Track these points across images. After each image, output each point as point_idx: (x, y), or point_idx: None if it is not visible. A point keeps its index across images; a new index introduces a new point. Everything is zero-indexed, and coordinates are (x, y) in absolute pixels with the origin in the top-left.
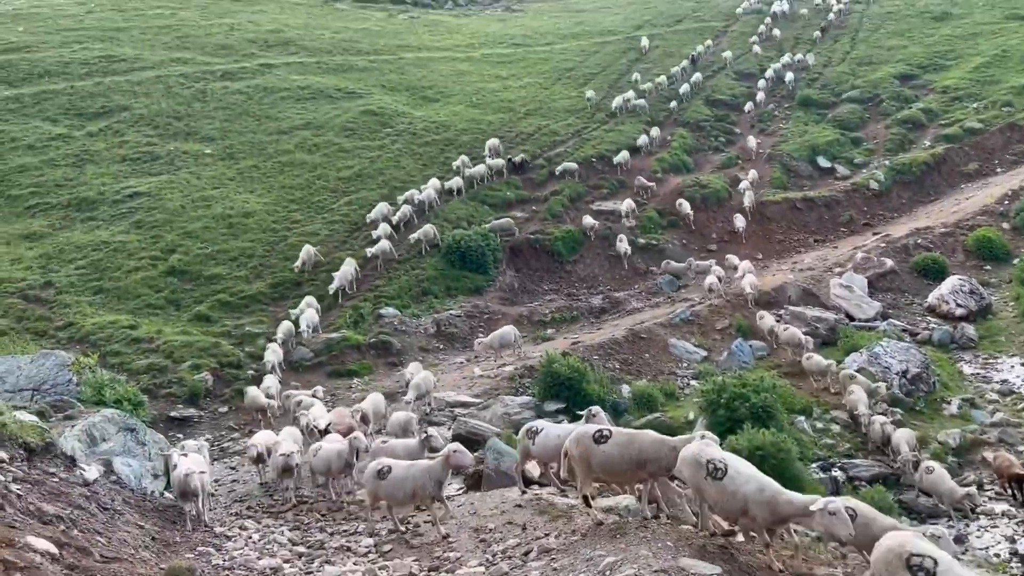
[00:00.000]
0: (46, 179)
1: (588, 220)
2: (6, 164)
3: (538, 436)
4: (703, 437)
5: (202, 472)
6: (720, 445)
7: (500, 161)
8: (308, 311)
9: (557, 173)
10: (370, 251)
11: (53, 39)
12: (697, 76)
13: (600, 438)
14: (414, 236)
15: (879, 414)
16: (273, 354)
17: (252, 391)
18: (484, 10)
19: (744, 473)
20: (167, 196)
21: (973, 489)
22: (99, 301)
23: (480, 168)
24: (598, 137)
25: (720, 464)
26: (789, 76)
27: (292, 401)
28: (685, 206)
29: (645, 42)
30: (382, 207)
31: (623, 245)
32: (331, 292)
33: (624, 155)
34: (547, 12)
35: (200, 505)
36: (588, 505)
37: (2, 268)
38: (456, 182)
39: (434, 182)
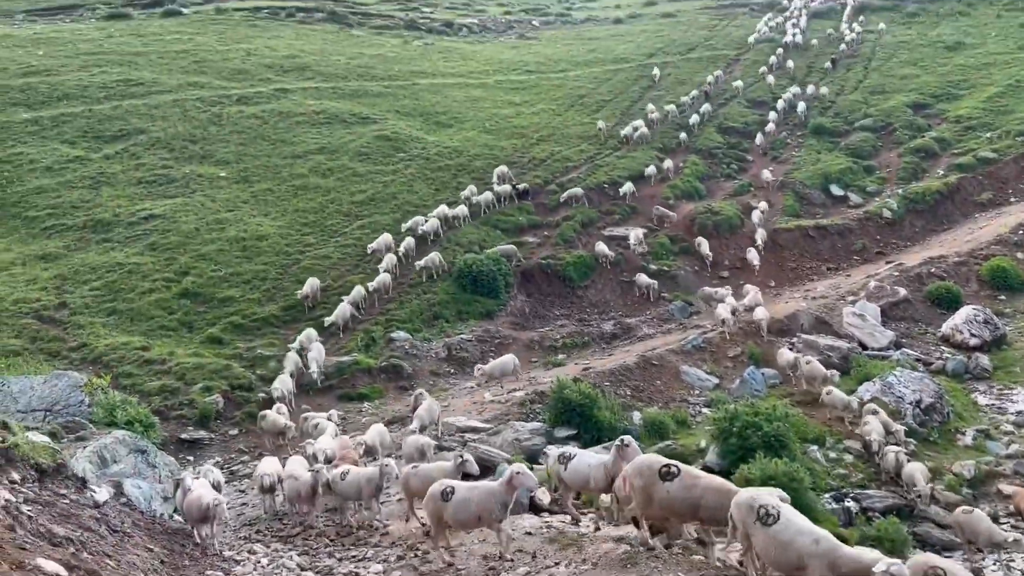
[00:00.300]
0: (63, 201)
1: (602, 248)
2: (24, 186)
3: (571, 462)
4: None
5: (216, 502)
6: (728, 477)
7: (507, 187)
8: (315, 346)
9: (562, 200)
10: (371, 285)
11: (72, 63)
12: (707, 107)
13: (667, 475)
14: (420, 264)
15: (893, 444)
16: (282, 383)
17: (271, 415)
18: (498, 37)
19: (798, 524)
20: (182, 218)
21: (1020, 536)
22: (112, 322)
23: (487, 195)
24: (610, 164)
25: (772, 510)
26: (801, 106)
27: (309, 424)
28: (704, 246)
29: (656, 71)
30: (385, 238)
31: (644, 279)
32: (325, 326)
33: (629, 186)
34: (560, 40)
35: (212, 530)
36: (638, 526)
37: (17, 288)
38: (461, 210)
39: (442, 209)
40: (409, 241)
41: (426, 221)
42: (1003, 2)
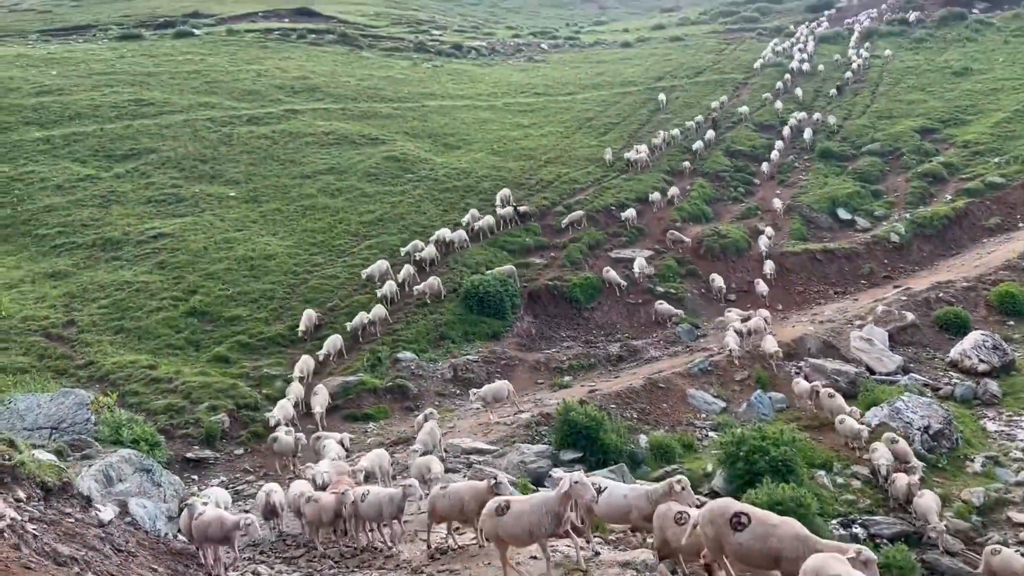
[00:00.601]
0: (73, 219)
1: (612, 274)
2: (35, 204)
3: (602, 495)
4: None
5: (248, 521)
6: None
7: (508, 210)
8: (321, 392)
9: (563, 226)
10: (367, 317)
11: (85, 83)
12: (711, 134)
13: (738, 524)
14: (418, 288)
15: (901, 471)
16: (281, 409)
17: (283, 436)
18: (507, 60)
19: None
20: (191, 237)
21: None
22: (120, 340)
23: (488, 219)
24: (617, 186)
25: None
26: (808, 133)
27: (321, 443)
28: (718, 280)
29: (663, 96)
30: (379, 265)
31: (664, 307)
32: (320, 359)
33: (631, 212)
34: (568, 63)
35: (235, 550)
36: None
37: (26, 306)
38: (459, 235)
39: (441, 233)
40: (407, 269)
41: (424, 247)
42: (1010, 28)
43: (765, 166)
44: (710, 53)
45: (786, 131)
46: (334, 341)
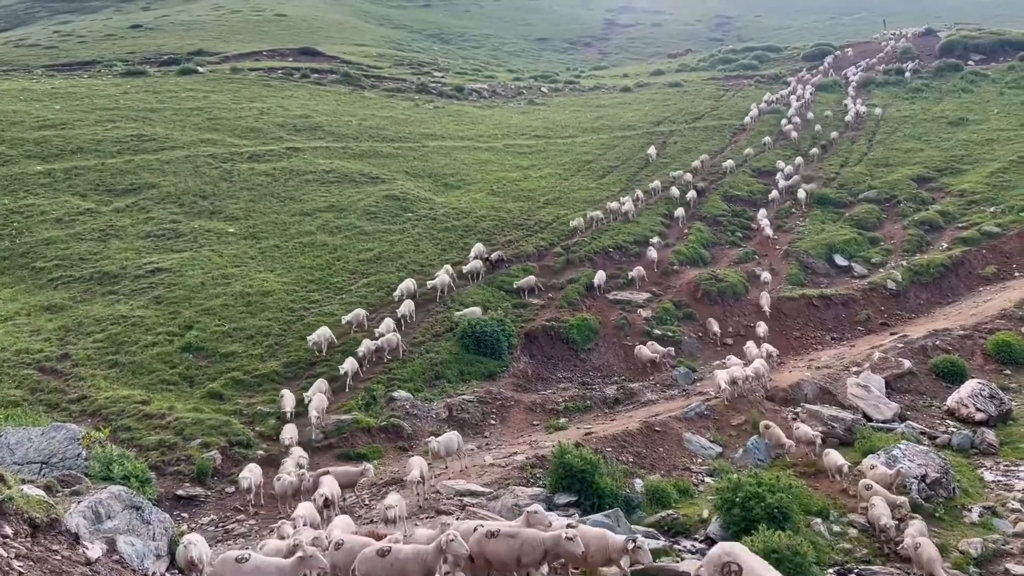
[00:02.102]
0: (71, 252)
1: (644, 352)
2: (33, 236)
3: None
4: None
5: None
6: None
7: (478, 263)
8: (317, 396)
9: (515, 287)
10: (342, 368)
11: (88, 117)
12: (692, 193)
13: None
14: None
15: (904, 520)
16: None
17: (286, 477)
18: (507, 102)
19: None
20: (188, 273)
21: None
22: (114, 375)
23: (443, 279)
24: (615, 228)
25: None
26: (801, 193)
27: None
28: (714, 324)
29: (653, 150)
30: (357, 313)
31: (646, 352)
32: (306, 401)
33: (639, 271)
34: (568, 106)
35: None
36: None
37: (21, 339)
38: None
39: (407, 285)
40: (388, 323)
41: (400, 302)
42: (1005, 80)
43: (763, 216)
44: (708, 99)
45: (781, 183)
46: (319, 387)
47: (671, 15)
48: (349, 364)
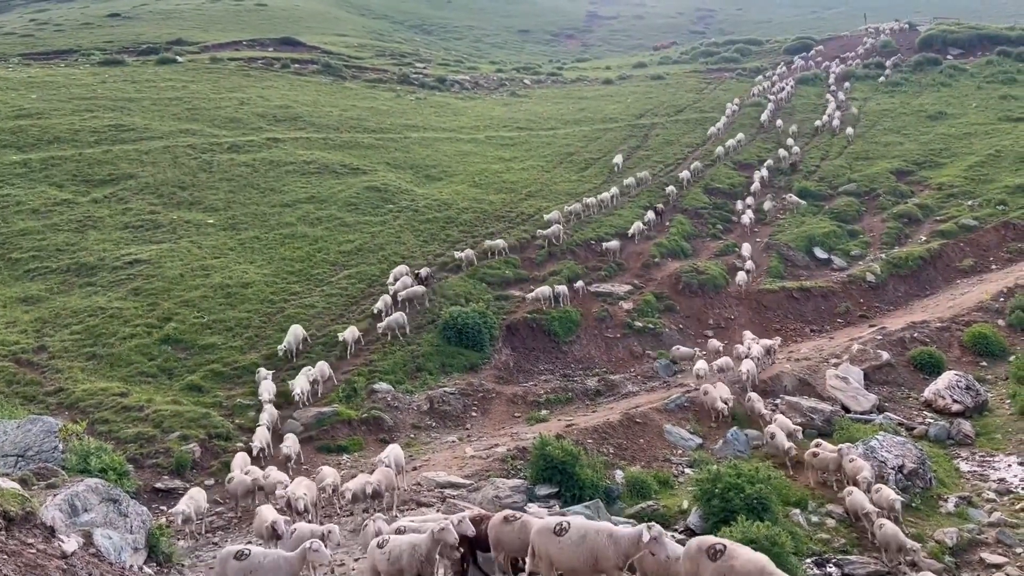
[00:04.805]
0: (47, 243)
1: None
2: (9, 227)
3: None
4: None
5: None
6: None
7: (407, 279)
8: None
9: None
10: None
11: (65, 107)
12: (672, 188)
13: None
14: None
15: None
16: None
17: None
18: (490, 94)
19: None
20: (167, 264)
21: None
22: (91, 367)
23: (386, 299)
24: (597, 220)
25: None
26: (768, 205)
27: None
28: (714, 343)
29: (619, 159)
30: (295, 331)
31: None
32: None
33: (614, 243)
34: (551, 98)
35: None
36: None
37: None
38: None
39: (385, 299)
40: (353, 330)
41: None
42: (983, 75)
43: (746, 215)
44: (690, 92)
45: (763, 173)
46: (301, 382)
47: (653, 8)
48: (349, 333)
